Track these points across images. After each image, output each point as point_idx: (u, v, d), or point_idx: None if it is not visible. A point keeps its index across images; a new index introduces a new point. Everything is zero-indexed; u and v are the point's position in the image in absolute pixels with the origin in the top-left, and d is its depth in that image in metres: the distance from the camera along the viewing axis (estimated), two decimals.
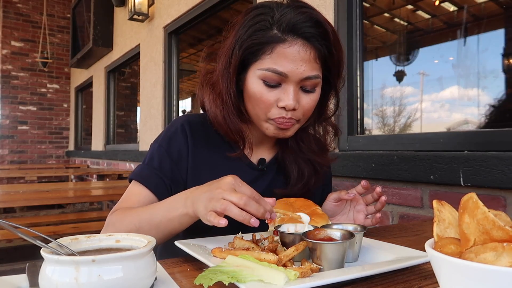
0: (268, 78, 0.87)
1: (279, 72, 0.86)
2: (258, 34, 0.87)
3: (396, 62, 2.03)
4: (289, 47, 0.85)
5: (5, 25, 6.72)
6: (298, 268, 0.59)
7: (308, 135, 1.05)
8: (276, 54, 0.86)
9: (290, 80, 0.87)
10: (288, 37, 0.86)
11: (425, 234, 1.00)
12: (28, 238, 0.51)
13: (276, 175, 1.05)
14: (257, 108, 0.91)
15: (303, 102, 0.90)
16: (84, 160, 6.59)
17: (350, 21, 1.90)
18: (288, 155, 1.03)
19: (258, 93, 0.89)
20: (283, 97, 0.88)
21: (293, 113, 0.89)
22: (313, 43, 0.87)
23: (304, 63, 0.86)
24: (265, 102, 0.89)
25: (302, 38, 0.86)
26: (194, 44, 4.28)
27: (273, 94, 0.88)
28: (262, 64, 0.87)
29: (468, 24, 1.69)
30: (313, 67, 0.87)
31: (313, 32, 0.86)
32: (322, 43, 0.88)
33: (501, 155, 1.20)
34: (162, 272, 0.62)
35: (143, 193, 0.93)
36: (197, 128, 1.00)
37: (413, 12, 2.00)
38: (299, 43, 0.86)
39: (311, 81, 0.89)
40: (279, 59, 0.86)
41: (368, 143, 1.79)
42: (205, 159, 0.98)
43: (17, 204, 3.01)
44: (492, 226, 0.36)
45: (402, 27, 2.09)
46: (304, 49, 0.86)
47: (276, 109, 0.89)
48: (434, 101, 1.81)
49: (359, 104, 1.92)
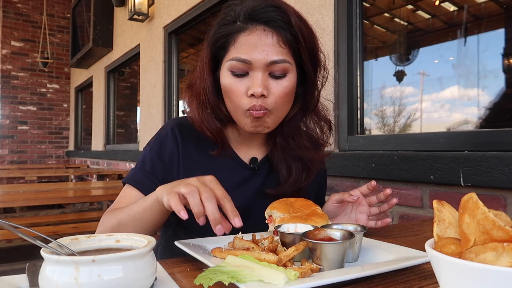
0: (234, 68, 0.88)
1: (242, 60, 0.86)
2: (222, 28, 0.91)
3: (396, 62, 2.03)
4: (249, 34, 0.87)
5: (5, 25, 6.72)
6: (298, 268, 0.59)
7: (299, 131, 1.04)
8: (238, 44, 0.88)
9: (255, 66, 0.87)
10: (249, 25, 0.88)
11: (425, 234, 1.00)
12: (28, 238, 0.51)
13: (268, 174, 1.04)
14: (232, 102, 0.91)
15: (274, 89, 0.88)
16: (84, 160, 6.59)
17: (350, 21, 1.90)
18: (277, 153, 1.02)
19: (228, 85, 0.90)
20: (250, 85, 0.88)
21: (263, 100, 0.88)
22: (274, 27, 0.88)
23: (266, 47, 0.86)
24: (236, 93, 0.89)
25: (262, 24, 0.88)
26: (194, 44, 4.28)
27: (242, 84, 0.88)
28: (228, 56, 0.90)
29: (468, 24, 1.69)
30: (277, 51, 0.87)
31: (272, 16, 0.87)
32: (284, 26, 0.88)
33: (501, 155, 1.20)
34: (162, 272, 0.62)
35: (134, 195, 0.94)
36: (187, 130, 1.00)
37: (413, 12, 2.00)
38: (260, 29, 0.87)
39: (278, 65, 0.87)
40: (241, 48, 0.87)
41: (368, 143, 1.79)
42: (196, 160, 0.99)
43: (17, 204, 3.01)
44: (492, 226, 0.36)
45: (402, 27, 2.09)
46: (265, 34, 0.87)
47: (247, 99, 0.88)
48: (434, 101, 1.81)
49: (359, 104, 1.92)
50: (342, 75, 1.92)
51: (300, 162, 1.03)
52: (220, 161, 1.00)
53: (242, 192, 0.99)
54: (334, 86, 1.94)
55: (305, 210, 0.84)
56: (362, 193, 0.98)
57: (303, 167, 1.03)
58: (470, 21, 1.70)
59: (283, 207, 0.83)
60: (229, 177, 0.98)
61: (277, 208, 0.82)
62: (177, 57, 3.79)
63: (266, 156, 1.05)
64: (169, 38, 3.76)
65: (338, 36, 1.93)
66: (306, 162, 1.03)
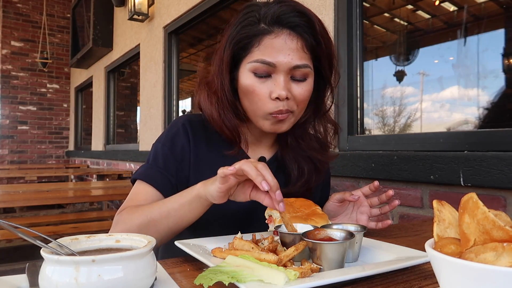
0: (257, 70, 0.89)
1: (267, 62, 0.88)
2: (246, 29, 0.91)
3: (396, 62, 2.03)
4: (275, 38, 0.88)
5: (5, 25, 6.72)
6: (298, 268, 0.59)
7: (308, 133, 1.05)
8: (263, 46, 0.89)
9: (279, 69, 0.88)
10: (274, 29, 0.89)
11: (425, 234, 1.00)
12: (28, 238, 0.51)
13: (277, 174, 1.04)
14: (253, 103, 0.92)
15: (296, 92, 0.90)
16: (84, 160, 6.59)
17: (350, 21, 1.90)
18: (288, 153, 1.04)
19: (250, 86, 0.90)
20: (274, 88, 0.89)
21: (287, 103, 0.90)
22: (299, 32, 0.89)
23: (291, 52, 0.88)
24: (258, 95, 0.90)
25: (288, 28, 0.89)
26: (194, 44, 4.28)
27: (264, 86, 0.90)
28: (251, 57, 0.90)
29: (468, 24, 1.69)
30: (301, 56, 0.89)
31: (298, 21, 0.89)
32: (309, 32, 0.90)
33: (501, 155, 1.20)
34: (162, 272, 0.62)
35: (150, 191, 0.93)
36: (197, 127, 1.01)
37: (413, 12, 2.00)
38: (285, 33, 0.89)
39: (301, 70, 0.89)
40: (266, 50, 0.88)
41: (368, 143, 1.78)
42: (205, 158, 0.99)
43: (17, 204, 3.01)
44: (492, 226, 0.36)
45: (402, 27, 2.09)
46: (290, 38, 0.88)
47: (272, 102, 0.89)
48: (434, 101, 1.81)
49: (359, 104, 1.92)
50: (342, 75, 1.92)
51: (310, 163, 1.04)
52: (229, 160, 1.00)
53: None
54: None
55: (305, 210, 0.84)
56: (364, 193, 0.99)
57: (313, 168, 1.04)
58: (470, 21, 1.70)
59: None
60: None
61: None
62: (177, 57, 3.79)
63: (274, 156, 1.06)
64: (169, 38, 3.76)
65: (338, 36, 1.93)
66: (316, 163, 1.04)
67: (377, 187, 0.96)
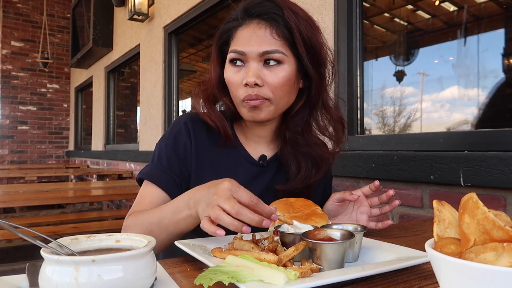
0: (232, 59, 0.94)
1: (238, 51, 0.92)
2: (226, 25, 0.98)
3: (396, 62, 2.03)
4: (245, 28, 0.93)
5: (5, 25, 6.72)
6: (298, 268, 0.59)
7: (309, 128, 1.05)
8: (236, 38, 0.95)
9: (249, 57, 0.91)
10: (245, 20, 0.94)
11: (425, 234, 1.00)
12: (28, 238, 0.51)
13: (278, 172, 1.05)
14: (232, 92, 0.96)
15: (268, 79, 0.91)
16: (84, 160, 6.59)
17: (350, 21, 1.90)
18: (287, 149, 1.03)
19: (228, 76, 0.95)
20: (245, 75, 0.92)
21: (258, 89, 0.91)
22: (267, 20, 0.92)
23: (259, 39, 0.91)
24: (233, 83, 0.94)
25: (256, 18, 0.93)
26: (194, 44, 4.27)
27: (239, 75, 0.93)
28: (229, 49, 0.96)
29: (468, 24, 1.69)
30: (270, 42, 0.91)
31: (264, 9, 0.92)
32: (277, 18, 0.91)
33: (501, 155, 1.20)
34: (162, 272, 0.62)
35: (155, 193, 0.95)
36: (198, 125, 1.02)
37: (413, 12, 2.00)
38: (254, 23, 0.93)
39: (271, 55, 0.90)
40: (238, 41, 0.94)
41: (368, 143, 1.78)
42: (207, 155, 1.00)
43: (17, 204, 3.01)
44: (492, 226, 0.36)
45: (402, 27, 2.09)
46: (258, 27, 0.92)
47: (243, 89, 0.92)
48: (434, 101, 1.81)
49: (359, 104, 1.92)
50: (342, 75, 1.92)
51: (310, 159, 1.04)
52: (229, 158, 1.02)
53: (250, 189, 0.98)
54: (334, 86, 1.94)
55: (305, 210, 0.84)
56: (364, 193, 0.99)
57: (312, 164, 1.04)
58: (470, 21, 1.70)
59: (283, 207, 0.83)
60: (238, 174, 1.00)
61: (277, 208, 0.82)
62: (177, 57, 3.79)
63: (275, 155, 1.06)
64: (169, 38, 3.76)
65: (338, 36, 1.93)
66: (316, 159, 1.04)
67: (377, 186, 0.96)
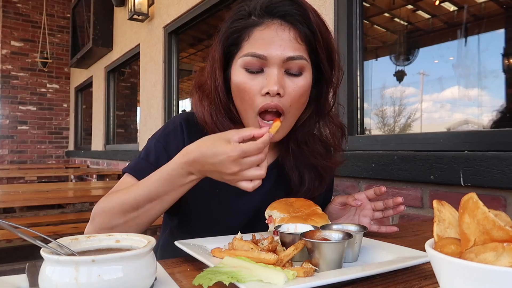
0: (248, 64, 0.83)
1: (257, 55, 0.82)
2: (236, 23, 0.86)
3: (396, 62, 2.03)
4: (265, 29, 0.83)
5: (5, 25, 6.72)
6: (297, 268, 0.59)
7: (313, 136, 0.98)
8: (253, 39, 0.84)
9: (271, 62, 0.82)
10: (265, 20, 0.84)
11: (425, 234, 1.00)
12: (28, 238, 0.51)
13: (277, 180, 0.99)
14: (243, 101, 0.86)
15: (289, 89, 0.83)
16: (84, 160, 6.59)
17: (350, 21, 1.90)
18: (288, 160, 0.97)
19: (242, 82, 0.84)
20: (266, 83, 0.82)
21: (279, 99, 0.82)
22: (291, 21, 0.83)
23: (283, 42, 0.82)
24: (249, 92, 0.83)
25: (279, 18, 0.83)
26: (194, 44, 4.28)
27: (256, 82, 0.83)
28: (242, 52, 0.85)
29: (468, 24, 1.69)
30: (294, 47, 0.82)
31: (289, 9, 0.83)
32: (302, 21, 0.84)
33: (501, 155, 1.20)
34: (162, 272, 0.62)
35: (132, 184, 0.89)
36: (194, 126, 0.97)
37: (413, 12, 2.00)
38: (276, 24, 0.83)
39: (295, 62, 0.83)
40: (257, 43, 0.83)
41: (368, 143, 1.78)
42: None
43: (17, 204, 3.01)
44: (492, 226, 0.36)
45: (402, 27, 2.09)
46: (282, 28, 0.83)
47: (261, 98, 0.83)
48: (434, 101, 1.81)
49: (359, 104, 1.92)
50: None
51: (313, 171, 0.97)
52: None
53: (250, 197, 0.94)
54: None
55: (305, 210, 0.84)
56: (368, 197, 0.95)
57: (315, 176, 0.97)
58: (470, 21, 1.70)
59: (283, 207, 0.83)
60: None
61: (277, 208, 0.82)
62: (177, 57, 3.79)
63: (275, 161, 0.99)
64: (169, 38, 3.76)
65: (338, 36, 1.93)
66: (320, 170, 0.98)
67: (383, 192, 0.92)
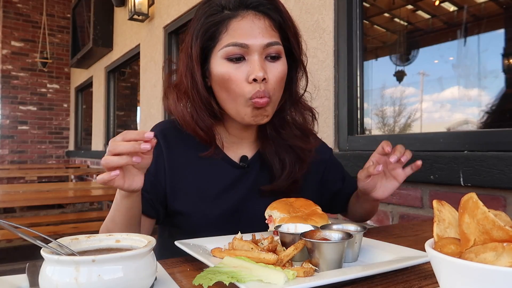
0: (230, 54, 0.87)
1: (239, 44, 0.86)
2: (211, 18, 0.90)
3: (396, 62, 2.03)
4: (242, 20, 0.88)
5: (5, 25, 6.72)
6: (296, 268, 0.59)
7: (288, 122, 1.02)
8: (232, 29, 0.88)
9: (252, 50, 0.87)
10: (239, 12, 0.89)
11: (425, 234, 1.00)
12: (28, 238, 0.51)
13: (260, 172, 1.02)
14: (231, 91, 0.88)
15: (271, 74, 0.88)
16: (84, 160, 6.59)
17: (350, 21, 1.90)
18: (269, 147, 1.00)
19: (226, 73, 0.87)
20: (251, 70, 0.86)
21: (265, 85, 0.87)
22: (264, 11, 0.89)
23: (261, 30, 0.87)
24: (235, 81, 0.87)
25: (252, 9, 0.89)
26: None
27: (240, 71, 0.87)
28: (221, 44, 0.88)
29: (468, 24, 1.69)
30: (271, 34, 0.88)
31: (261, 1, 0.89)
32: (273, 9, 0.90)
33: (501, 155, 1.20)
34: (162, 272, 0.62)
35: None
36: (171, 134, 0.99)
37: (413, 12, 2.00)
38: (251, 14, 0.88)
39: (274, 48, 0.88)
40: (236, 33, 0.87)
41: (368, 143, 1.78)
42: (183, 164, 0.97)
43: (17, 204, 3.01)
44: (492, 226, 0.36)
45: (402, 27, 2.09)
46: (257, 18, 0.88)
47: (249, 86, 0.87)
48: (434, 101, 1.81)
49: (359, 104, 1.92)
50: (342, 75, 1.92)
51: (292, 153, 1.00)
52: (209, 163, 0.98)
53: (234, 191, 0.98)
54: (334, 86, 1.94)
55: (305, 210, 0.84)
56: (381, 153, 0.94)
57: (295, 159, 1.00)
58: (470, 21, 1.70)
59: (283, 207, 0.83)
60: (220, 178, 0.97)
61: (277, 208, 0.82)
62: (177, 57, 3.78)
63: (257, 153, 1.03)
64: (169, 38, 3.76)
65: (338, 36, 1.93)
66: (298, 153, 1.01)
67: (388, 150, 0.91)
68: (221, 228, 0.88)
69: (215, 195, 0.97)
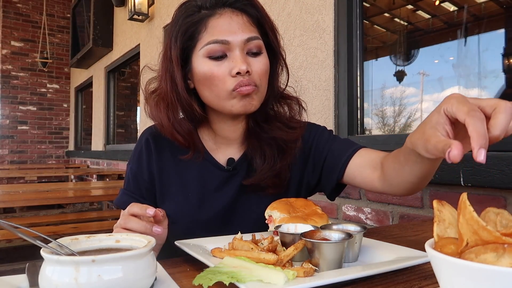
0: (212, 51, 0.87)
1: (220, 41, 0.86)
2: (188, 19, 0.90)
3: (396, 62, 2.03)
4: (220, 17, 0.88)
5: (5, 25, 6.72)
6: (296, 268, 0.59)
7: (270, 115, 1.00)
8: (211, 28, 0.88)
9: (233, 46, 0.87)
10: (217, 10, 0.89)
11: (425, 234, 1.00)
12: (28, 238, 0.51)
13: (248, 172, 1.00)
14: (214, 87, 0.88)
15: (255, 67, 0.88)
16: (84, 160, 6.59)
17: (350, 21, 1.90)
18: (253, 143, 0.98)
19: (208, 71, 0.87)
20: (233, 65, 0.86)
21: (250, 77, 0.87)
22: (240, 8, 0.90)
23: (240, 26, 0.88)
24: (218, 77, 0.87)
25: (229, 7, 0.90)
26: None
27: (222, 67, 0.87)
28: (202, 42, 0.88)
29: (468, 24, 1.69)
30: (250, 29, 0.89)
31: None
32: (249, 5, 0.91)
33: (501, 155, 1.20)
34: (162, 272, 0.62)
35: None
36: (160, 138, 0.99)
37: (413, 12, 2.00)
38: (229, 11, 0.89)
39: (254, 42, 0.89)
40: (215, 30, 0.87)
41: (368, 143, 1.78)
42: (172, 168, 0.98)
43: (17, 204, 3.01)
44: (478, 227, 0.36)
45: (402, 27, 2.09)
46: (235, 14, 0.89)
47: (232, 79, 0.87)
48: (434, 101, 1.81)
49: (359, 104, 1.92)
50: (342, 75, 1.92)
51: (275, 145, 0.98)
52: (196, 166, 0.98)
53: (222, 194, 0.97)
54: (334, 86, 1.94)
55: (305, 210, 0.84)
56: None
57: (278, 150, 0.98)
58: (470, 21, 1.70)
59: (283, 207, 0.83)
60: (207, 181, 0.97)
61: (277, 208, 0.82)
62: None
63: (244, 154, 1.00)
64: None
65: (338, 36, 1.93)
66: (280, 144, 0.98)
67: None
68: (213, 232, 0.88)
69: (202, 198, 0.96)
